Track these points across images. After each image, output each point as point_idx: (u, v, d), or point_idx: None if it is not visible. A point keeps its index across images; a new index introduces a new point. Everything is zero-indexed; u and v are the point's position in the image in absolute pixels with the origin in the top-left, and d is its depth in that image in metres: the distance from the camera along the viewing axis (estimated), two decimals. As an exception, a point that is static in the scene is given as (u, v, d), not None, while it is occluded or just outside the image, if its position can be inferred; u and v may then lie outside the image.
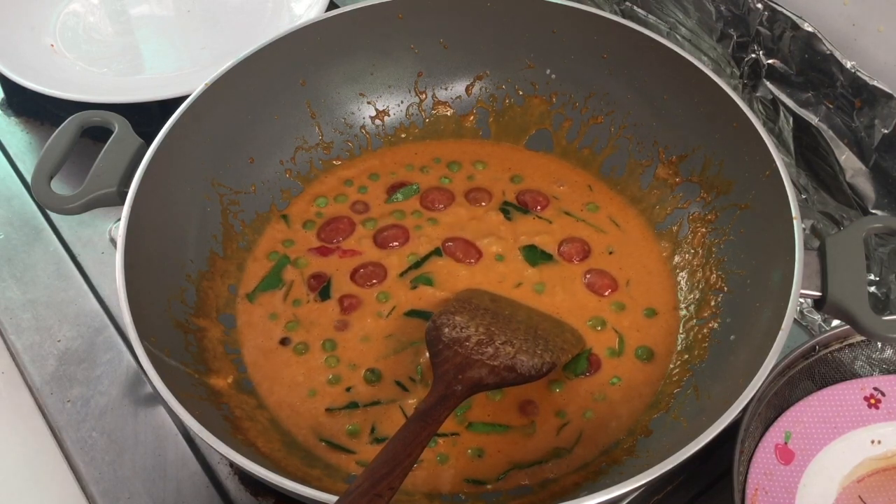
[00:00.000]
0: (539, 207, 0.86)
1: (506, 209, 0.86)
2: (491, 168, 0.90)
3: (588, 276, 0.81)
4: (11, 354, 0.84)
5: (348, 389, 0.74)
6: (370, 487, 0.55)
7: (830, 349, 0.75)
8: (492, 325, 0.72)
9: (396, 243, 0.83)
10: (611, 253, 0.83)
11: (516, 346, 0.70)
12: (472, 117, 0.93)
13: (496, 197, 0.87)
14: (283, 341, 0.77)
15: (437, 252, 0.82)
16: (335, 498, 0.56)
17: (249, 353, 0.76)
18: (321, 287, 0.80)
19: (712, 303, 0.77)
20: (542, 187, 0.88)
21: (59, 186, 0.75)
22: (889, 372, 0.75)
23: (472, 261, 0.82)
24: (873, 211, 0.86)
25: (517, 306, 0.78)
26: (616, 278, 0.81)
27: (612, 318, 0.78)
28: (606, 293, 0.80)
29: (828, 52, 0.86)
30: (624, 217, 0.86)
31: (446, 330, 0.71)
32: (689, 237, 0.82)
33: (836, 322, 0.84)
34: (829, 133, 0.88)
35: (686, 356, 0.75)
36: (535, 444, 0.71)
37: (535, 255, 0.82)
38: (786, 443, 0.70)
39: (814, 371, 0.75)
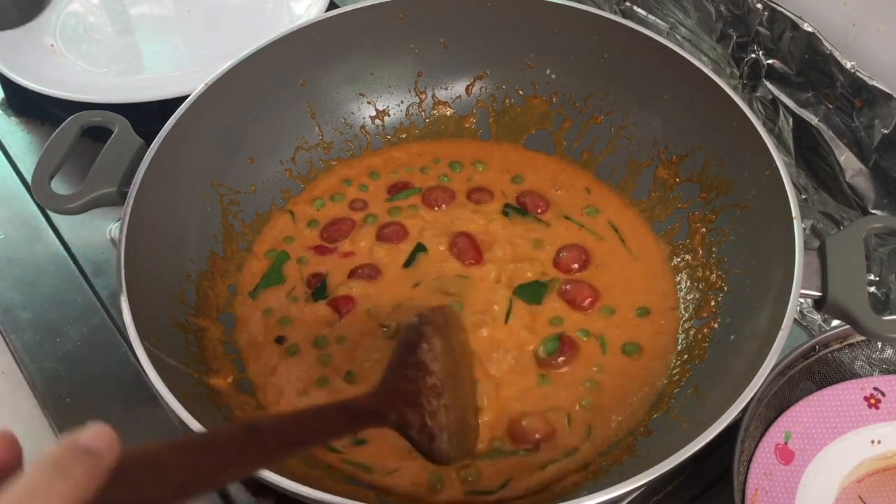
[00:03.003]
0: (539, 210, 0.86)
1: (506, 211, 0.86)
2: (491, 169, 0.90)
3: (568, 286, 0.80)
4: (12, 354, 0.84)
5: (348, 376, 0.74)
6: (273, 442, 0.50)
7: (830, 349, 0.75)
8: (448, 378, 0.65)
9: (396, 242, 0.83)
10: (608, 259, 0.83)
11: (448, 420, 0.62)
12: (472, 117, 0.93)
13: (497, 197, 0.87)
14: (279, 340, 0.77)
15: (437, 249, 0.82)
16: (335, 498, 0.56)
17: (247, 351, 0.77)
18: (316, 286, 0.80)
19: (712, 303, 0.77)
20: (542, 189, 0.88)
21: (59, 186, 0.75)
22: (889, 372, 0.75)
23: (472, 262, 0.81)
24: (873, 211, 0.86)
25: (468, 373, 0.71)
26: (598, 288, 0.80)
27: (602, 320, 0.78)
28: (586, 303, 0.79)
29: (828, 52, 0.86)
30: (623, 217, 0.86)
31: (424, 347, 0.64)
32: (689, 237, 0.82)
33: (836, 322, 0.84)
34: (829, 133, 0.88)
35: (686, 356, 0.75)
36: (540, 458, 0.70)
37: (531, 293, 0.79)
38: (786, 443, 0.70)
39: (814, 371, 0.75)
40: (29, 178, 0.78)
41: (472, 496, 0.68)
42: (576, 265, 0.81)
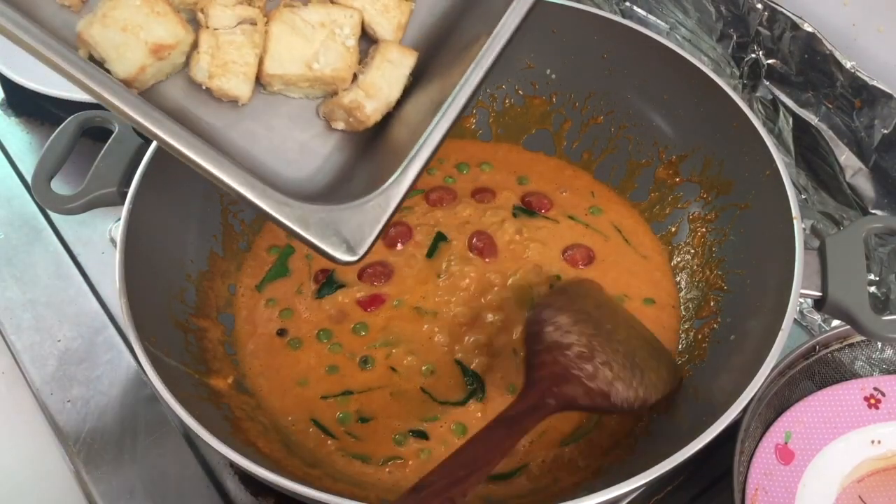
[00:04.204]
0: (543, 210, 0.86)
1: (514, 213, 0.86)
2: (497, 170, 0.90)
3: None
4: (12, 354, 0.84)
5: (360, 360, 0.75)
6: (444, 488, 0.52)
7: (830, 349, 0.75)
8: (594, 339, 0.66)
9: (401, 242, 0.83)
10: (611, 256, 0.83)
11: (615, 370, 0.65)
12: (472, 118, 0.93)
13: (500, 196, 0.87)
14: (280, 332, 0.78)
15: (440, 237, 0.82)
16: (335, 498, 0.56)
17: (247, 347, 0.77)
18: (323, 282, 0.80)
19: (712, 303, 0.77)
20: (545, 190, 0.88)
21: (59, 186, 0.75)
22: (889, 372, 0.75)
23: (489, 259, 0.81)
24: (873, 211, 0.86)
25: (618, 321, 0.72)
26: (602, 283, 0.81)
27: None
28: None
29: (828, 52, 0.86)
30: (624, 217, 0.86)
31: (549, 329, 0.66)
32: (689, 237, 0.82)
33: (836, 322, 0.84)
34: (829, 133, 0.88)
35: (686, 356, 0.75)
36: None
37: None
38: (786, 443, 0.70)
39: (814, 371, 0.75)
40: (29, 178, 0.78)
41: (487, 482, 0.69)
42: (581, 264, 0.82)
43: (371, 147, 0.62)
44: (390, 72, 0.61)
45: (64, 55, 0.53)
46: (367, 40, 0.63)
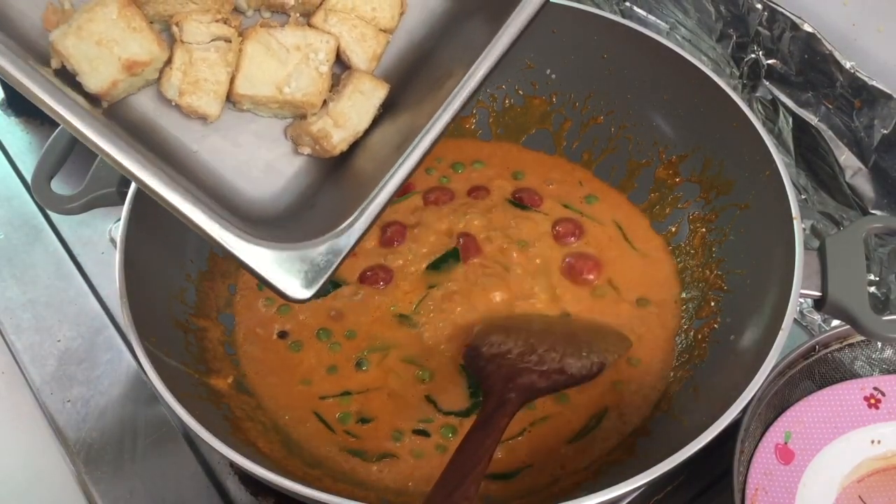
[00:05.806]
0: (535, 207, 0.86)
1: (508, 204, 0.86)
2: (491, 166, 0.90)
3: (569, 259, 0.82)
4: (12, 354, 0.84)
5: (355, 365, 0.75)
6: (444, 498, 0.55)
7: (830, 349, 0.75)
8: (530, 338, 0.71)
9: (398, 242, 0.83)
10: (608, 246, 0.84)
11: (560, 351, 0.70)
12: (472, 118, 0.93)
13: (494, 193, 0.87)
14: (281, 335, 0.77)
15: (454, 254, 0.82)
16: (335, 498, 0.56)
17: (247, 347, 0.77)
18: None
19: (712, 303, 0.77)
20: (536, 185, 0.88)
21: (59, 186, 0.75)
22: (889, 372, 0.75)
23: (476, 259, 0.81)
24: (873, 211, 0.86)
25: (551, 320, 0.77)
26: (600, 260, 0.82)
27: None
28: (591, 276, 0.81)
29: (827, 52, 0.86)
30: (623, 217, 0.86)
31: (484, 349, 0.71)
32: (689, 237, 0.82)
33: (836, 322, 0.84)
34: (828, 133, 0.88)
35: (686, 356, 0.75)
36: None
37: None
38: (786, 443, 0.70)
39: (814, 371, 0.75)
40: (29, 178, 0.78)
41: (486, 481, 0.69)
42: (572, 237, 0.83)
43: (336, 174, 0.62)
44: (361, 102, 0.61)
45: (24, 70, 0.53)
46: (340, 65, 0.63)
